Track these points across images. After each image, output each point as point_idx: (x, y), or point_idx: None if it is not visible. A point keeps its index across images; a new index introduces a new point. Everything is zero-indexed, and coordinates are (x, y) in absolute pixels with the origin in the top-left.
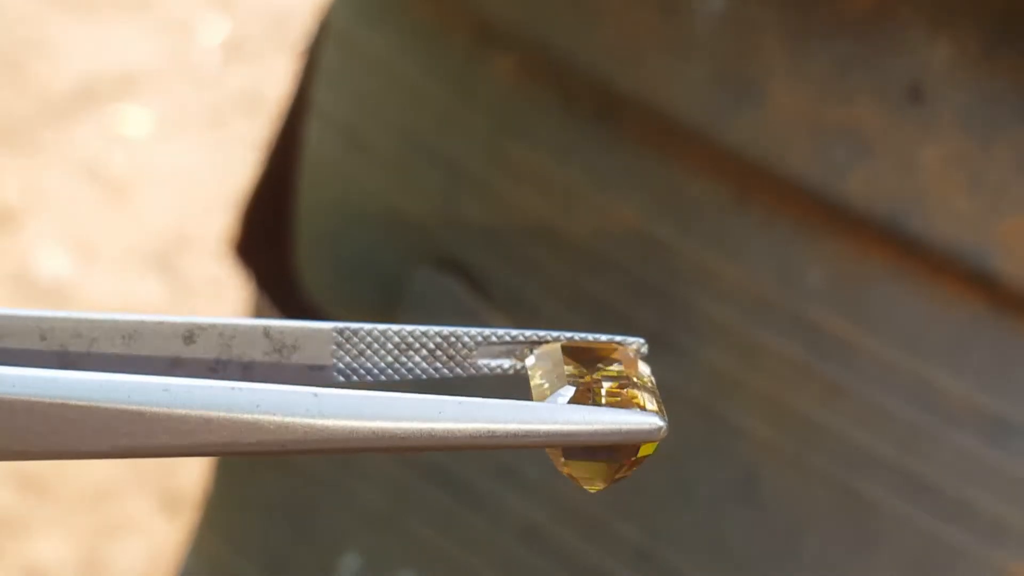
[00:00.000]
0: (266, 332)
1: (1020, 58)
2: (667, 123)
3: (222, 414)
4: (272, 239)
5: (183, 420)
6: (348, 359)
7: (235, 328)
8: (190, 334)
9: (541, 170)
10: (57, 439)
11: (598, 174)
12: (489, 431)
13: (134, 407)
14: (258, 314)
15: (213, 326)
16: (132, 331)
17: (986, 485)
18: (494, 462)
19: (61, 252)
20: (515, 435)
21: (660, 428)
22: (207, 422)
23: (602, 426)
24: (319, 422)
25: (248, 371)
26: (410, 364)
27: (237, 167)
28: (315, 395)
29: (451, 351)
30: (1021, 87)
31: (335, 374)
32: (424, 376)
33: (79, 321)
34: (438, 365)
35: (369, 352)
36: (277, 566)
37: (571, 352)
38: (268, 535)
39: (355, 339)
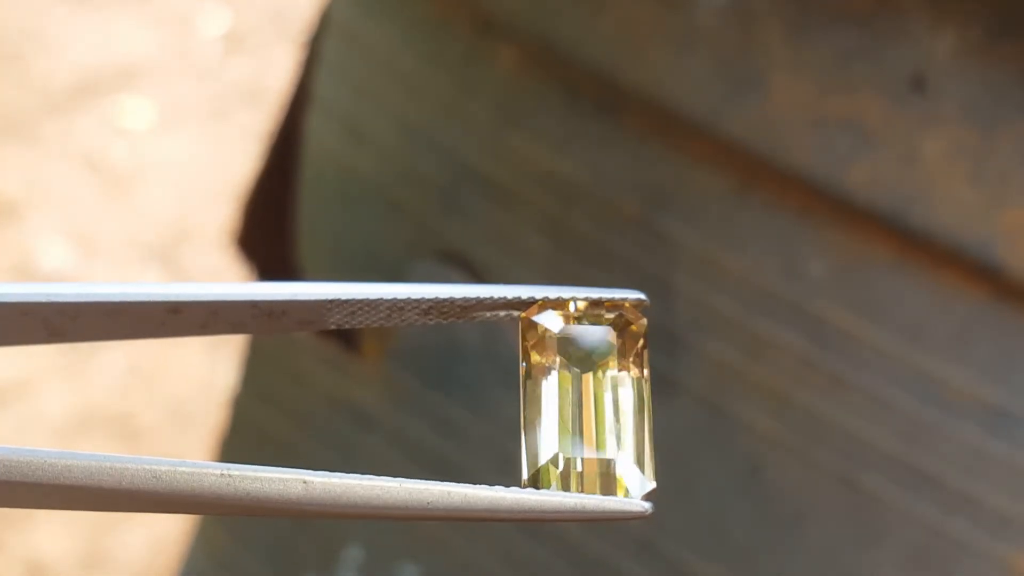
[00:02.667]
0: (253, 304)
1: (1022, 48)
2: (669, 115)
3: (210, 498)
4: (273, 231)
5: (173, 497)
6: (339, 318)
7: (220, 303)
8: (175, 309)
9: (543, 162)
10: (48, 503)
11: (600, 166)
12: (475, 513)
13: (125, 488)
14: None
15: (199, 302)
16: (115, 309)
17: (989, 477)
18: (496, 454)
19: (62, 244)
20: (501, 515)
21: (645, 511)
22: (195, 502)
23: (588, 511)
24: (309, 507)
25: (238, 327)
26: (402, 320)
27: (238, 159)
28: (304, 483)
29: (444, 308)
30: (1023, 77)
31: (329, 326)
32: (418, 325)
33: (61, 304)
34: (431, 319)
35: (360, 314)
36: (280, 558)
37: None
38: (271, 527)
39: (345, 305)
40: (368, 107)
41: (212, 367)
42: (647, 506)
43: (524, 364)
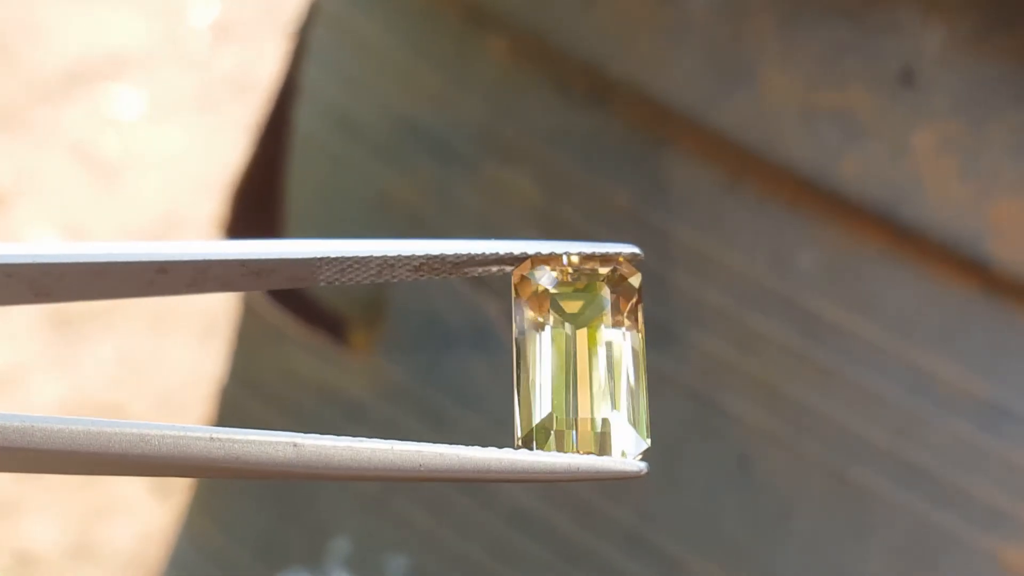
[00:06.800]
0: (243, 263)
1: (1012, 42)
2: (659, 107)
3: (200, 461)
4: (262, 222)
5: (162, 461)
6: (329, 275)
7: (209, 262)
8: (163, 268)
9: (533, 153)
10: (37, 468)
11: (590, 158)
12: (468, 474)
13: (114, 452)
14: (248, 298)
15: (185, 262)
16: (101, 270)
17: (978, 469)
18: (485, 446)
19: (51, 234)
20: (493, 475)
21: (640, 470)
22: (184, 465)
23: (582, 470)
24: (299, 470)
25: (227, 286)
26: (393, 276)
27: (227, 149)
28: (295, 445)
29: (435, 265)
30: (1013, 71)
31: (318, 283)
32: (410, 281)
33: (44, 265)
34: (422, 275)
35: (351, 271)
36: (268, 549)
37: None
38: (259, 518)
39: (335, 263)
40: (358, 98)
41: (202, 358)
42: (642, 466)
43: (516, 321)
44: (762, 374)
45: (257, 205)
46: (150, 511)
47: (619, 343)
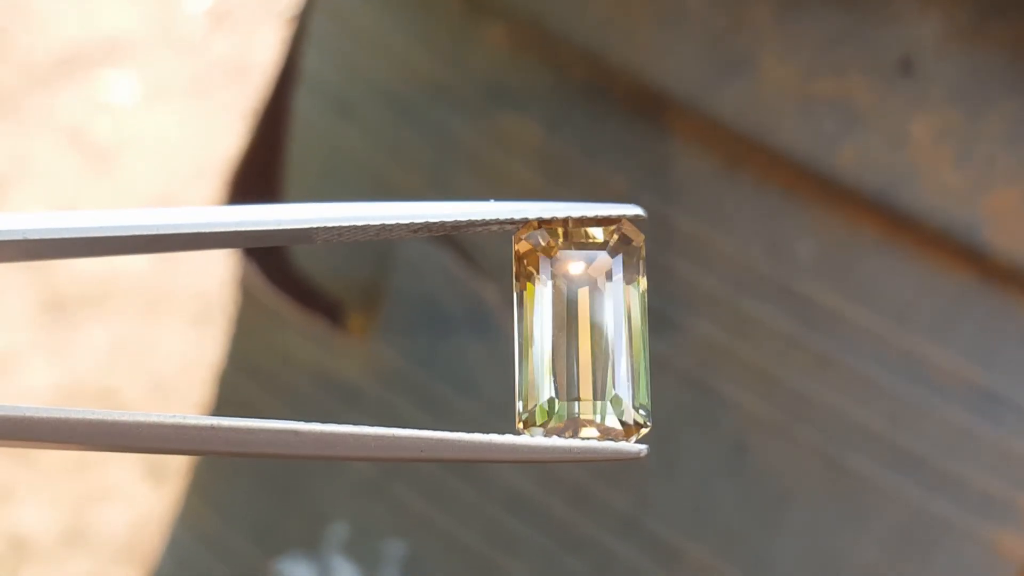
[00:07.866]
0: (238, 234)
1: (1009, 31)
2: (658, 94)
3: (200, 449)
4: None
5: (163, 447)
6: (327, 236)
7: (201, 235)
8: (155, 241)
9: (532, 140)
10: (43, 448)
11: (589, 144)
12: (467, 457)
13: (117, 442)
14: (245, 282)
15: (178, 235)
16: (94, 243)
17: (974, 457)
18: (482, 431)
19: None
20: (493, 458)
21: (640, 452)
22: (185, 450)
23: (582, 452)
24: (300, 452)
25: (225, 244)
26: (391, 235)
27: (222, 135)
28: (296, 433)
29: (433, 228)
30: (1010, 60)
31: (316, 243)
32: (407, 240)
33: (37, 241)
34: (420, 235)
35: (348, 233)
36: (265, 535)
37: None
38: (256, 504)
39: (333, 228)
40: (356, 84)
41: (195, 343)
42: (642, 447)
43: (518, 286)
44: (758, 361)
45: (255, 191)
46: (144, 497)
47: (621, 307)
